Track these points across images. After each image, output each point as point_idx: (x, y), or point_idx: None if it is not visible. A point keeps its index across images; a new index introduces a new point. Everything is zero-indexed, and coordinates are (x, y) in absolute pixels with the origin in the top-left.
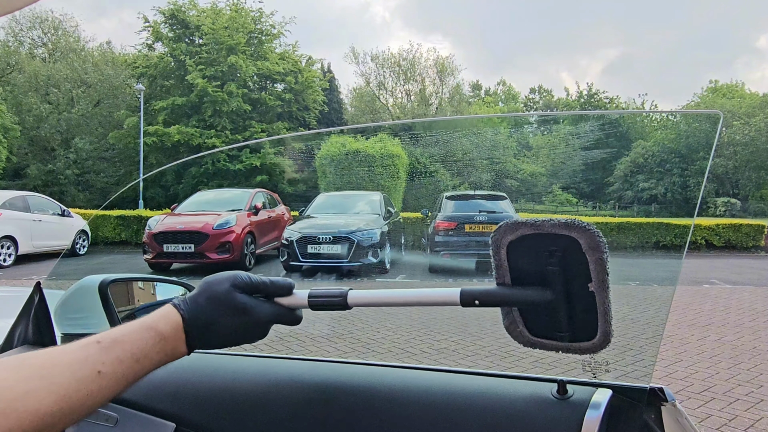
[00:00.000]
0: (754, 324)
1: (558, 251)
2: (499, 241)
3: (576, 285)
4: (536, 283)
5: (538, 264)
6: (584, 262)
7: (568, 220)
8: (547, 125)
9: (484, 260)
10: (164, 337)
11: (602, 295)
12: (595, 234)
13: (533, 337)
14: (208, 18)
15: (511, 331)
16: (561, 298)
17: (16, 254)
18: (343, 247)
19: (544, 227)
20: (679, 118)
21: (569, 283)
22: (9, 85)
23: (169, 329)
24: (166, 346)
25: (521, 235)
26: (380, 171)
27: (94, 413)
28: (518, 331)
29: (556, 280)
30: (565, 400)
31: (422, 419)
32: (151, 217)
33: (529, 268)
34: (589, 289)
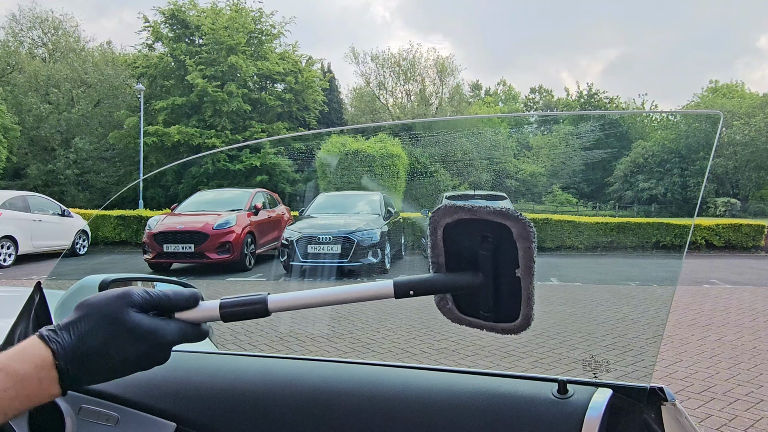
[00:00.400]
0: (754, 324)
1: (491, 237)
2: (436, 222)
3: (504, 270)
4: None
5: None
6: (514, 250)
7: (503, 209)
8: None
9: None
10: (21, 378)
11: (527, 281)
12: (527, 224)
13: (461, 314)
14: (208, 18)
15: (441, 308)
16: (490, 282)
17: (16, 254)
18: (343, 247)
19: (480, 213)
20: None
21: (498, 268)
22: (9, 85)
23: (30, 368)
24: (24, 390)
25: (458, 219)
26: (380, 171)
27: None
28: (447, 308)
29: (487, 264)
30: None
31: (422, 419)
32: (151, 217)
33: (463, 251)
34: (516, 275)
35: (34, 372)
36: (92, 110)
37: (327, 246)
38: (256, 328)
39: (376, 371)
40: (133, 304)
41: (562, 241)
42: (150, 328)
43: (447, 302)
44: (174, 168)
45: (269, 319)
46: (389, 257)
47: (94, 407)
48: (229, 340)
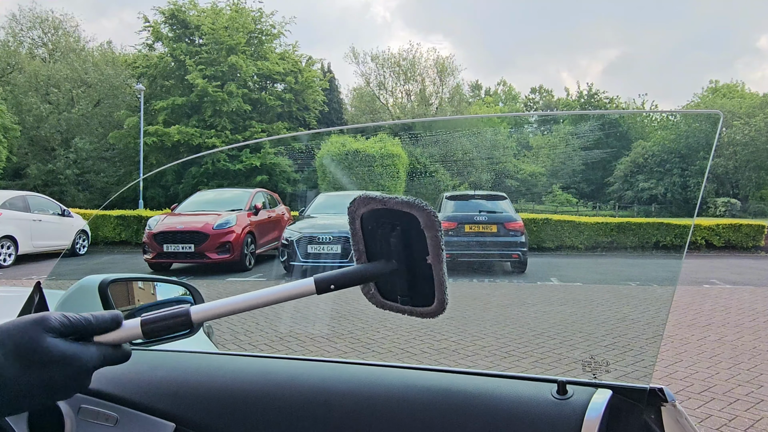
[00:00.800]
0: (754, 324)
1: (400, 226)
2: (354, 212)
3: (416, 257)
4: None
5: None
6: (423, 238)
7: (410, 199)
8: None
9: (484, 260)
10: None
11: (438, 268)
12: (431, 213)
13: (383, 299)
14: (208, 18)
15: (366, 293)
16: (404, 269)
17: (16, 254)
18: (343, 247)
19: (390, 203)
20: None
21: (411, 255)
22: (9, 85)
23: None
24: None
25: (372, 208)
26: (380, 171)
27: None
28: (371, 293)
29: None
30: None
31: (422, 419)
32: (151, 217)
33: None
34: (427, 262)
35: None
36: (92, 110)
37: (327, 246)
38: (256, 327)
39: (376, 371)
40: (50, 329)
41: (562, 241)
42: (67, 354)
43: (370, 288)
44: (174, 168)
45: (269, 319)
46: None
47: (94, 407)
48: (229, 340)
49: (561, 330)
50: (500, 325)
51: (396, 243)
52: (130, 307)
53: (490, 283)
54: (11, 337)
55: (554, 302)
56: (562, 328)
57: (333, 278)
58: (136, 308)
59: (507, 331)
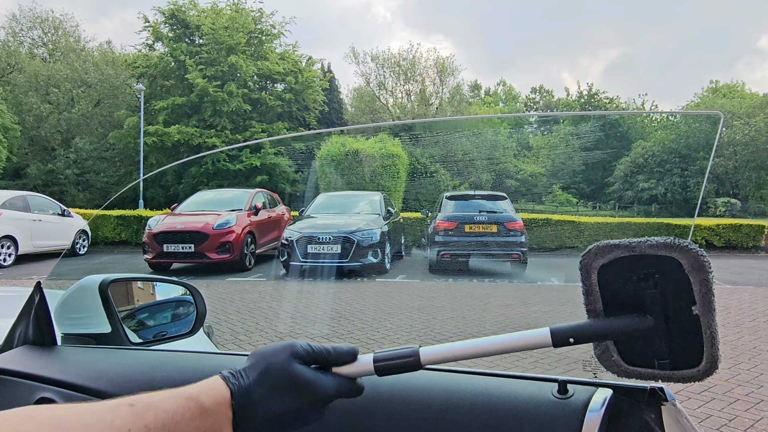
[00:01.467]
0: (754, 324)
1: (657, 273)
2: (589, 265)
3: (677, 309)
4: (631, 309)
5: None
6: (686, 284)
7: (667, 240)
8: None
9: (484, 260)
10: (205, 410)
11: (708, 318)
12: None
13: (629, 366)
14: (209, 18)
15: (604, 361)
16: (661, 324)
17: (16, 254)
18: (343, 247)
19: (641, 249)
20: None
21: (669, 307)
22: (9, 85)
23: (213, 403)
24: (205, 421)
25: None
26: (380, 171)
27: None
28: (612, 360)
29: (656, 304)
30: (565, 400)
31: (422, 419)
32: (151, 217)
33: (624, 293)
34: (693, 313)
35: (215, 407)
36: (92, 110)
37: (327, 246)
38: (256, 327)
39: None
40: (296, 356)
41: (562, 241)
42: (310, 381)
43: (611, 354)
44: (174, 168)
45: (269, 319)
46: (389, 257)
47: None
48: (229, 340)
49: None
50: (500, 325)
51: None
52: (130, 306)
53: (490, 283)
54: (265, 359)
55: (554, 302)
56: None
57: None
58: (136, 308)
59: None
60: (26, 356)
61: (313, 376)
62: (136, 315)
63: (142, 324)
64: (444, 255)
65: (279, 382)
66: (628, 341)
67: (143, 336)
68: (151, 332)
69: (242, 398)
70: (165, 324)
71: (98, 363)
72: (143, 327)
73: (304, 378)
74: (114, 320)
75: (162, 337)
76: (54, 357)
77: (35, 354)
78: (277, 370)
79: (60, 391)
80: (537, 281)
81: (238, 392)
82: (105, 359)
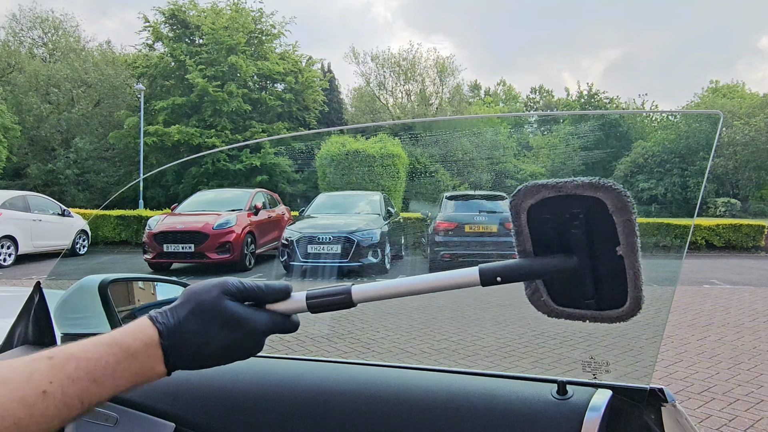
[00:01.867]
0: (754, 324)
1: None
2: (518, 205)
3: (602, 249)
4: (559, 249)
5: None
6: (611, 225)
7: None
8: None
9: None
10: (132, 354)
11: (631, 259)
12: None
13: (558, 306)
14: (209, 18)
15: (534, 301)
16: (586, 264)
17: (16, 254)
18: (343, 247)
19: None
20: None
21: (595, 247)
22: (9, 84)
23: (140, 345)
24: (134, 364)
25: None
26: (380, 171)
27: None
28: (542, 300)
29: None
30: (565, 400)
31: (422, 419)
32: (151, 217)
33: (552, 233)
34: (618, 253)
35: (143, 349)
36: (92, 110)
37: (327, 246)
38: None
39: (376, 371)
40: (228, 292)
41: None
42: (244, 317)
43: (541, 294)
44: (174, 168)
45: None
46: (389, 257)
47: None
48: None
49: (561, 330)
50: (500, 325)
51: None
52: (130, 307)
53: None
54: (196, 296)
55: None
56: (562, 328)
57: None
58: (137, 308)
59: (507, 331)
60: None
61: (245, 311)
62: (136, 315)
63: None
64: (444, 255)
65: (210, 318)
66: (557, 282)
67: None
68: None
69: (172, 337)
70: None
71: None
72: None
73: (236, 314)
74: (114, 320)
75: None
76: None
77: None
78: (208, 307)
79: None
80: None
81: (166, 331)
82: None
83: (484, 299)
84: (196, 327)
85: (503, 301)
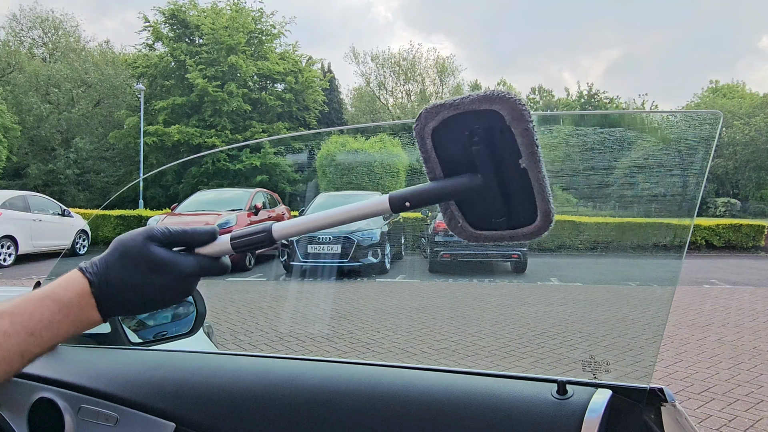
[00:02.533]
0: (754, 324)
1: (481, 129)
2: (422, 130)
3: (506, 164)
4: (467, 169)
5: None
6: (511, 137)
7: (486, 92)
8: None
9: (484, 260)
10: (66, 304)
11: (535, 170)
12: (517, 102)
13: (475, 230)
14: (209, 18)
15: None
16: (492, 181)
17: (16, 254)
18: (343, 247)
19: (464, 105)
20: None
21: (499, 162)
22: (9, 84)
23: (72, 295)
24: (69, 314)
25: (443, 119)
26: (380, 171)
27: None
28: (459, 227)
29: (485, 161)
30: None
31: (422, 419)
32: (151, 217)
33: (457, 154)
34: (521, 166)
35: (76, 299)
36: (92, 110)
37: (327, 246)
38: (256, 327)
39: (376, 371)
40: (153, 238)
41: (562, 241)
42: (170, 261)
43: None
44: (174, 168)
45: (269, 319)
46: (389, 257)
47: (94, 407)
48: (229, 340)
49: (561, 330)
50: (500, 325)
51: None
52: None
53: (490, 283)
54: (123, 244)
55: (554, 302)
56: (562, 328)
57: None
58: None
59: (507, 331)
60: None
61: (171, 255)
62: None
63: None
64: (443, 255)
65: (137, 264)
66: (469, 205)
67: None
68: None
69: (102, 285)
70: (165, 324)
71: (98, 363)
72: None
73: (162, 258)
74: (114, 320)
75: (162, 337)
76: (54, 357)
77: None
78: (135, 253)
79: (59, 390)
80: (537, 281)
81: (97, 280)
82: (105, 359)
83: (484, 299)
84: (124, 274)
85: (503, 301)
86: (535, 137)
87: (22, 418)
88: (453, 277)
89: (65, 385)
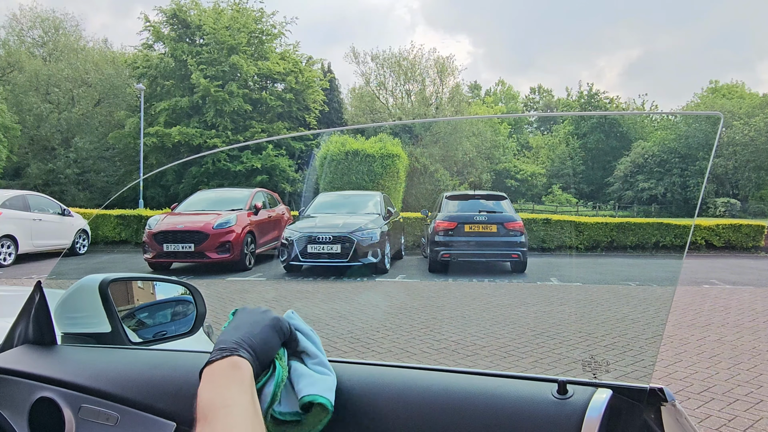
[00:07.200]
0: (754, 324)
1: None
2: None
3: None
4: None
5: None
6: None
7: None
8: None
9: (484, 260)
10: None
11: None
12: None
13: None
14: (210, 18)
15: None
16: None
17: (17, 253)
18: (343, 247)
19: None
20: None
21: None
22: (9, 84)
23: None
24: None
25: None
26: (380, 171)
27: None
28: None
29: None
30: (565, 400)
31: (422, 419)
32: (151, 217)
33: None
34: None
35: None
36: (92, 110)
37: (327, 245)
38: None
39: (376, 371)
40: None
41: (562, 241)
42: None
43: None
44: (174, 168)
45: None
46: (389, 257)
47: (94, 407)
48: None
49: (561, 330)
50: (500, 325)
51: None
52: (130, 306)
53: (490, 283)
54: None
55: (554, 302)
56: (562, 328)
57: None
58: (136, 308)
59: (507, 331)
60: (26, 356)
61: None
62: (136, 314)
63: (141, 323)
64: (443, 255)
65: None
66: None
67: (143, 335)
68: (151, 332)
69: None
70: (165, 323)
71: (98, 362)
72: (143, 326)
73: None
74: (114, 320)
75: (162, 336)
76: (54, 356)
77: (35, 353)
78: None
79: (60, 390)
80: (537, 281)
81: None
82: (105, 358)
83: (484, 299)
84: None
85: (503, 301)
86: None
87: (22, 418)
88: (453, 277)
89: (66, 385)
